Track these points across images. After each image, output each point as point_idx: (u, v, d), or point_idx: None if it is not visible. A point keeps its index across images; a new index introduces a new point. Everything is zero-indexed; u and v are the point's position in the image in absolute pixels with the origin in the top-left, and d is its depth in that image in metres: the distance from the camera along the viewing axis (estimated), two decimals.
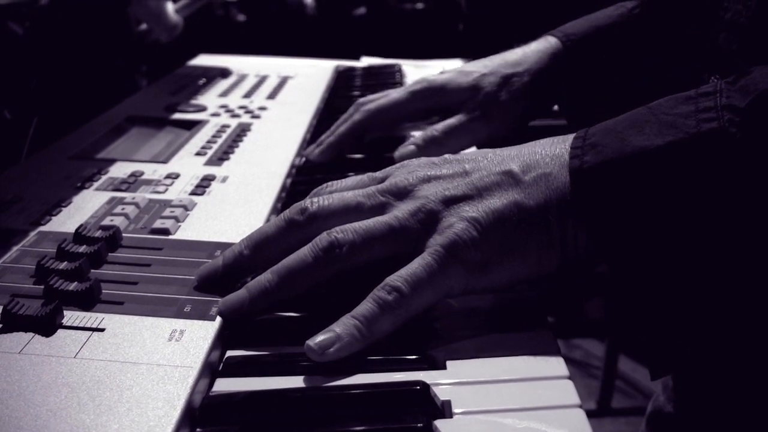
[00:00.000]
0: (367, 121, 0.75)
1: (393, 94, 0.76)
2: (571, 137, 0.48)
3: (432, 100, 0.76)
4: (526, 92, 0.75)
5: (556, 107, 0.80)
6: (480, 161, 0.50)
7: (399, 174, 0.51)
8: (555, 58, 0.76)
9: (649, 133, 0.43)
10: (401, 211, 0.48)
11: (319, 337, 0.43)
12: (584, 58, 0.76)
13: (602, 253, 0.45)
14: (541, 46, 0.77)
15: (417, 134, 0.73)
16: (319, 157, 0.75)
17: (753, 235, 0.42)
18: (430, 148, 0.70)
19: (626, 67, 0.76)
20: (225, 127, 0.83)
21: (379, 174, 0.53)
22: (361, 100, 0.77)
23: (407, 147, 0.71)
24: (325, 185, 0.54)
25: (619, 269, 0.44)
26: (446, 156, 0.52)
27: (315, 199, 0.51)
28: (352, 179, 0.54)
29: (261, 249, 0.50)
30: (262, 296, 0.47)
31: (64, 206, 0.61)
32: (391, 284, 0.44)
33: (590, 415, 0.38)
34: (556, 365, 0.43)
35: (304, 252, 0.47)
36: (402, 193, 0.49)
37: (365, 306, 0.44)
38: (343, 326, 0.43)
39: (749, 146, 0.41)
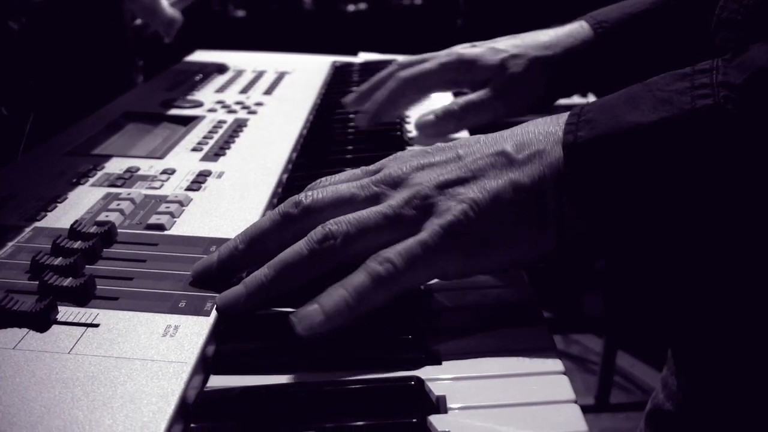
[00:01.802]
0: (400, 89, 0.77)
1: (425, 65, 0.78)
2: (565, 115, 0.48)
3: (459, 74, 0.78)
4: (552, 76, 0.76)
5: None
6: (473, 145, 0.49)
7: (392, 165, 0.51)
8: (585, 44, 0.77)
9: (643, 109, 0.43)
10: (395, 199, 0.48)
11: (304, 309, 0.42)
12: (616, 44, 0.76)
13: (594, 230, 0.44)
14: (574, 30, 0.78)
15: (439, 106, 0.76)
16: (362, 124, 0.79)
17: (747, 213, 0.41)
18: (447, 120, 0.74)
19: (658, 55, 0.76)
20: (221, 122, 0.83)
21: (372, 167, 0.53)
22: (402, 62, 0.79)
23: (427, 117, 0.75)
24: (319, 180, 0.54)
25: (610, 246, 0.44)
26: (439, 144, 0.52)
27: (309, 193, 0.50)
28: (346, 173, 0.54)
29: (256, 244, 0.50)
30: (259, 291, 0.47)
31: (60, 202, 0.61)
32: (384, 255, 0.44)
33: (588, 410, 0.38)
34: (551, 361, 0.42)
35: (300, 245, 0.47)
36: (396, 183, 0.49)
37: (355, 276, 0.44)
38: (328, 297, 0.43)
39: (745, 123, 0.41)
